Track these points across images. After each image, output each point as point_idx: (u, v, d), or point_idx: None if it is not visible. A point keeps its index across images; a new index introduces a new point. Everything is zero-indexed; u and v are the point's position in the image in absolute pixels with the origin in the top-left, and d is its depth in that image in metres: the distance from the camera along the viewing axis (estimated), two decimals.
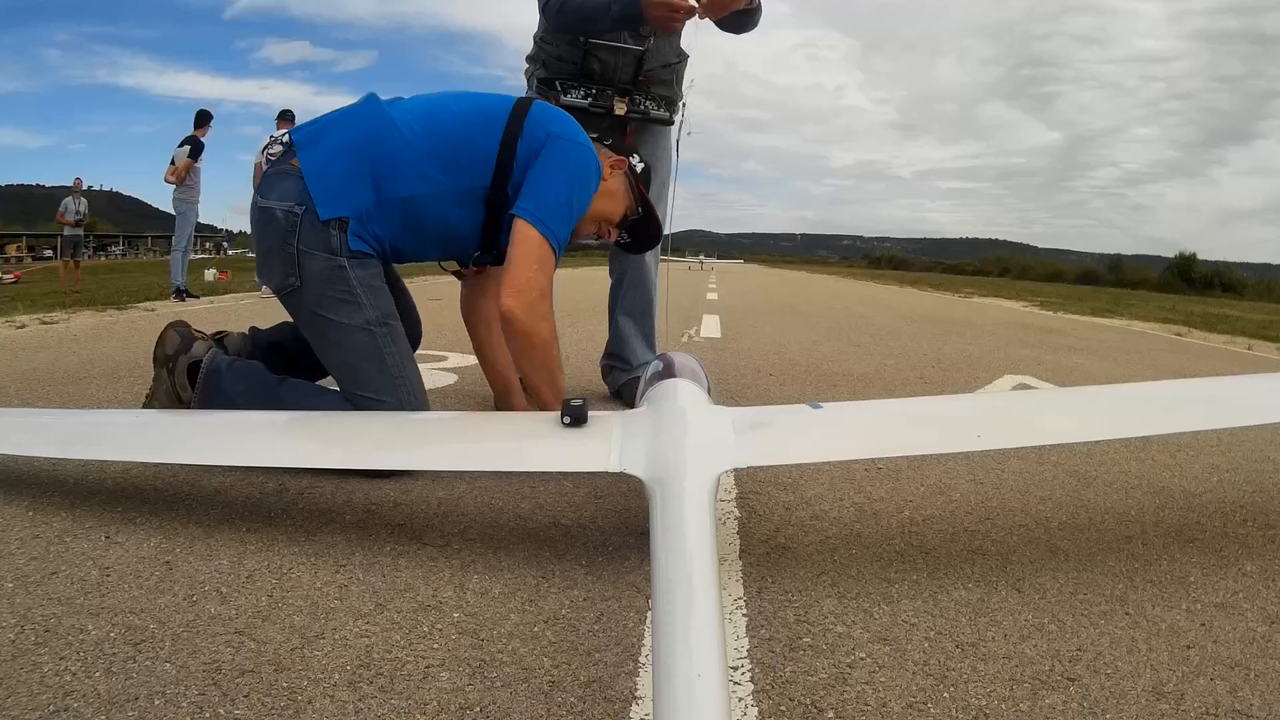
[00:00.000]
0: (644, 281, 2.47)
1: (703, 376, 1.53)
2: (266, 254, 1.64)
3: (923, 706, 0.90)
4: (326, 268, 1.58)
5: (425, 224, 1.67)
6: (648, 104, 2.25)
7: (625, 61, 2.21)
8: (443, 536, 1.33)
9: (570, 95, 2.16)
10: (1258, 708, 0.92)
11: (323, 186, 1.58)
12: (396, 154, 1.61)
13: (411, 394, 1.65)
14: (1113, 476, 1.88)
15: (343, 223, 1.58)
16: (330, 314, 1.61)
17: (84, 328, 4.25)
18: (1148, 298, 20.14)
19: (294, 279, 1.60)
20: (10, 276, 13.12)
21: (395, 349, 1.65)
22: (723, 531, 1.40)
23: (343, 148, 1.62)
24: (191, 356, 1.70)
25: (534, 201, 1.61)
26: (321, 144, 1.63)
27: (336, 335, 1.62)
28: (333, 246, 1.58)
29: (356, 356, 1.63)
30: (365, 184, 1.60)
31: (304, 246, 1.58)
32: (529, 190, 1.62)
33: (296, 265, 1.59)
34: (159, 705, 0.84)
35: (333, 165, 1.60)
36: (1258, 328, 8.26)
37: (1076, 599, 1.19)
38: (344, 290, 1.60)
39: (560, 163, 1.64)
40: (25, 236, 35.75)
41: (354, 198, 1.59)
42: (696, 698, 0.68)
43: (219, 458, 1.54)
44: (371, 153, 1.61)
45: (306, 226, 1.57)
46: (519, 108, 1.68)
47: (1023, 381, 3.46)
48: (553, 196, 1.62)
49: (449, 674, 0.92)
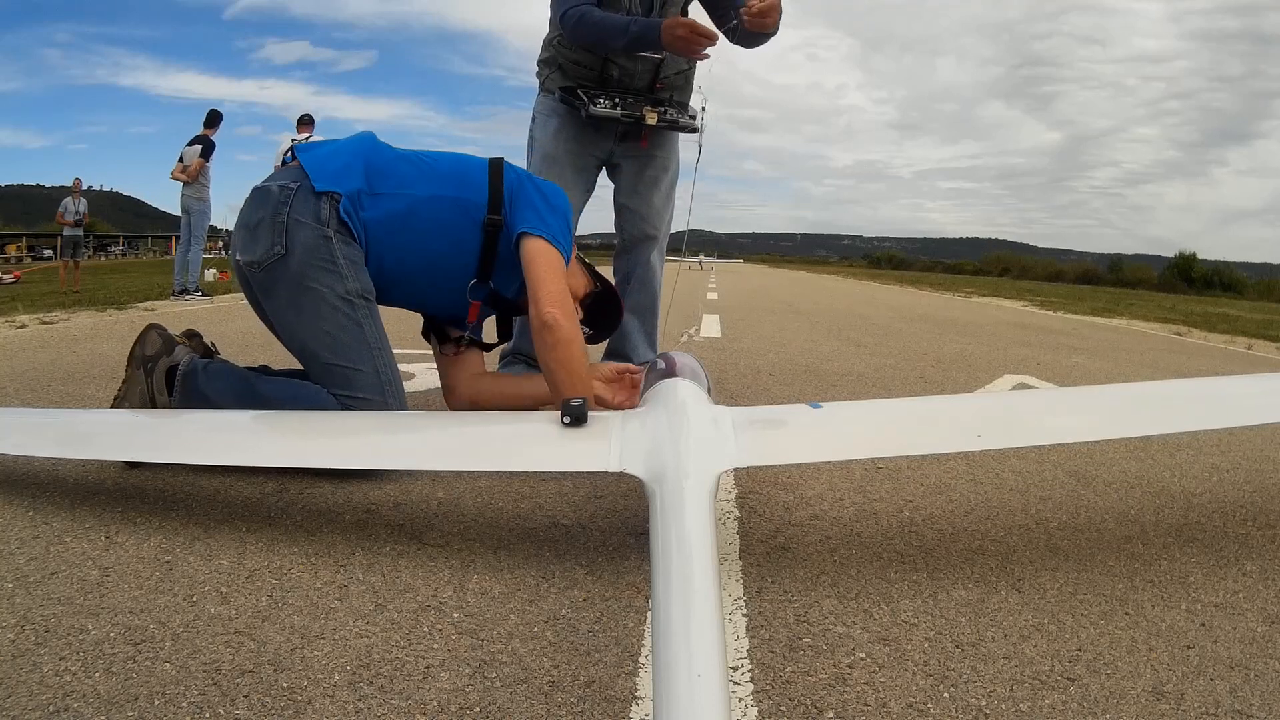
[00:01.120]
0: (650, 280, 2.47)
1: (703, 376, 1.53)
2: (255, 226, 1.66)
3: (923, 706, 0.90)
4: (314, 237, 1.63)
5: (419, 229, 1.71)
6: (673, 112, 2.26)
7: (644, 68, 2.23)
8: (443, 536, 1.34)
9: (599, 105, 2.17)
10: (1258, 708, 0.92)
11: (319, 169, 1.67)
12: (391, 165, 1.74)
13: (387, 369, 1.68)
14: (1113, 476, 1.88)
15: (334, 198, 1.65)
16: (313, 282, 1.63)
17: (84, 328, 4.25)
18: (1148, 297, 20.13)
19: (280, 247, 1.63)
20: (10, 276, 13.12)
21: (374, 325, 1.69)
22: (723, 531, 1.40)
23: (341, 150, 1.74)
24: (172, 360, 1.70)
25: (537, 217, 1.69)
26: (321, 148, 1.75)
27: (316, 303, 1.64)
28: (322, 217, 1.63)
29: (335, 326, 1.64)
30: (359, 174, 1.69)
31: (295, 215, 1.63)
32: (528, 211, 1.70)
33: (285, 234, 1.63)
34: (159, 705, 0.84)
35: (330, 159, 1.70)
36: (1258, 327, 8.26)
37: (1076, 599, 1.19)
38: (328, 259, 1.64)
39: (545, 193, 1.75)
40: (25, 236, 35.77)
41: (348, 181, 1.68)
42: (696, 698, 0.68)
43: (219, 457, 1.54)
44: (367, 155, 1.73)
45: (300, 197, 1.64)
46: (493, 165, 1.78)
47: (1023, 381, 3.46)
48: (552, 215, 1.71)
49: (449, 674, 0.92)
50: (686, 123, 2.28)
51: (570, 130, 2.28)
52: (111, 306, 5.56)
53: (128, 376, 1.69)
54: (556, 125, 2.29)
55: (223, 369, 1.71)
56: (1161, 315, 9.94)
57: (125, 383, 1.68)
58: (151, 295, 6.80)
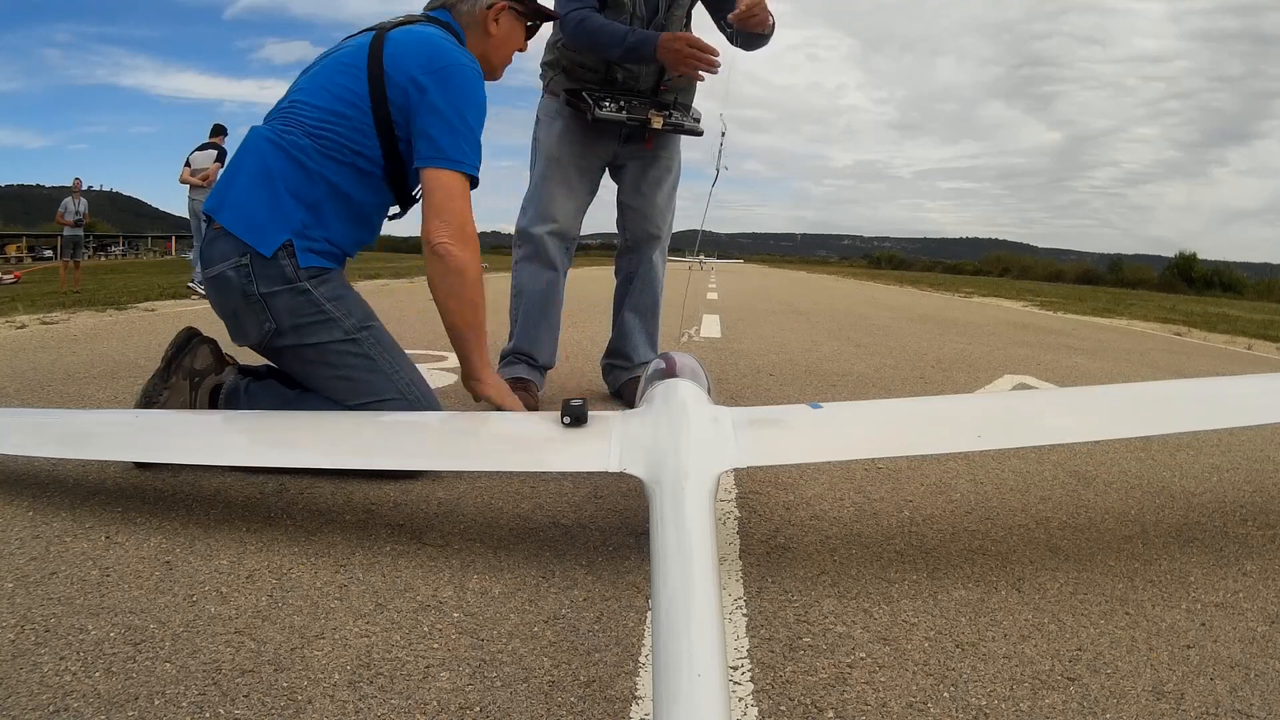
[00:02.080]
0: (653, 280, 2.48)
1: (703, 376, 1.53)
2: (235, 315, 1.64)
3: (923, 706, 0.90)
4: (292, 299, 1.60)
5: (358, 209, 1.69)
6: (679, 114, 2.25)
7: (648, 71, 2.23)
8: (443, 536, 1.34)
9: (604, 109, 2.17)
10: (1258, 708, 0.92)
11: (252, 227, 1.59)
12: (296, 166, 1.62)
13: (411, 385, 1.67)
14: (1113, 476, 1.88)
15: (287, 247, 1.59)
16: (311, 339, 1.62)
17: (84, 328, 4.25)
18: (1148, 297, 20.13)
19: (269, 324, 1.61)
20: (10, 277, 13.11)
21: (382, 349, 1.67)
22: (723, 531, 1.40)
23: (249, 185, 1.62)
24: (219, 379, 1.71)
25: (432, 146, 1.60)
26: (230, 195, 1.64)
27: (322, 356, 1.64)
28: (289, 276, 1.59)
29: (347, 370, 1.64)
30: (287, 203, 1.61)
31: (264, 289, 1.59)
32: (424, 139, 1.61)
33: (267, 310, 1.60)
34: (159, 705, 0.84)
35: (249, 205, 1.61)
36: (1258, 328, 8.26)
37: (1076, 599, 1.19)
38: (314, 312, 1.62)
39: (442, 99, 1.60)
40: (25, 237, 35.74)
41: (284, 218, 1.60)
42: (696, 698, 0.68)
43: (219, 458, 1.54)
44: (275, 174, 1.61)
45: (259, 269, 1.58)
46: (373, 58, 1.63)
47: (1023, 381, 3.46)
48: (450, 135, 1.60)
49: (449, 674, 0.92)
50: (691, 126, 2.28)
51: (575, 133, 2.28)
52: (112, 307, 5.56)
53: (173, 384, 1.67)
54: (561, 128, 2.29)
55: (263, 390, 1.71)
56: (1161, 315, 9.94)
57: (170, 388, 1.67)
58: (152, 295, 6.79)
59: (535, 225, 2.27)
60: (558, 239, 2.29)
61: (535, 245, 2.28)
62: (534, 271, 2.31)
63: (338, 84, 1.65)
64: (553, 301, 2.34)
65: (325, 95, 1.65)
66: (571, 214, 2.31)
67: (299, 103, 1.67)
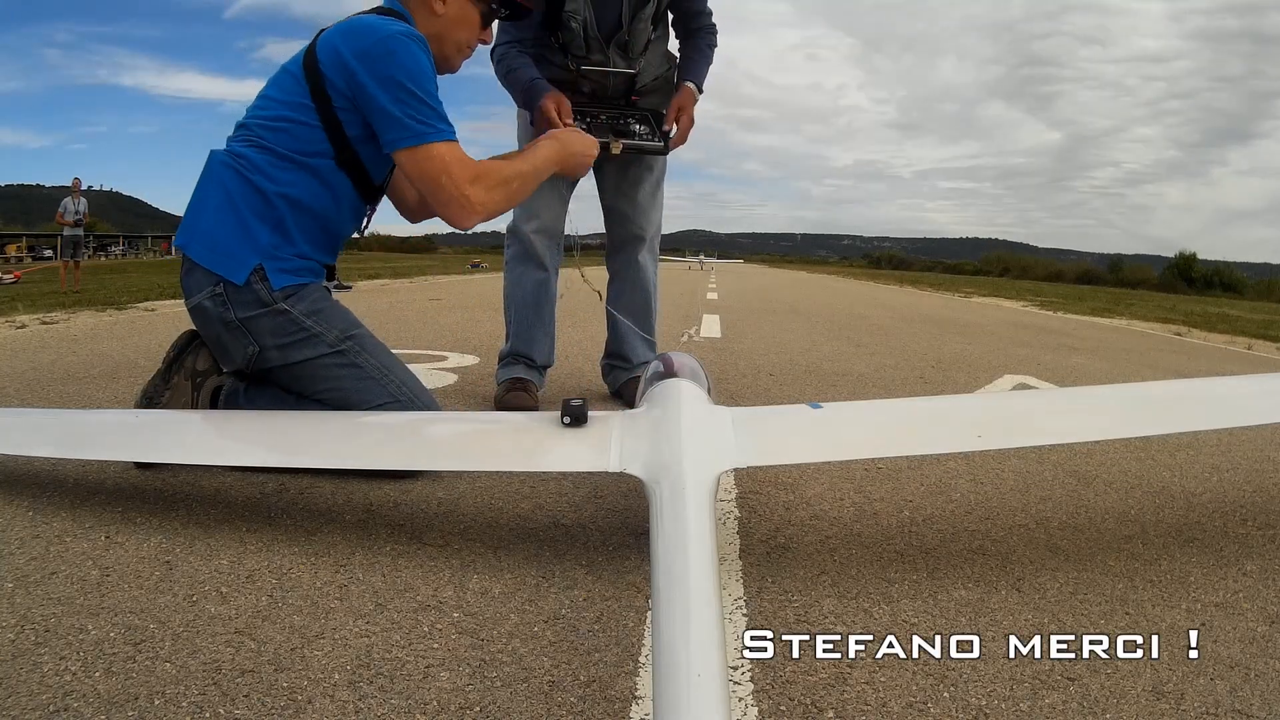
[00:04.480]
0: (642, 280, 2.47)
1: (703, 376, 1.53)
2: (219, 341, 1.64)
3: (923, 706, 0.90)
4: (271, 320, 1.60)
5: (322, 220, 1.68)
6: (641, 133, 2.21)
7: (617, 81, 2.22)
8: (443, 536, 1.34)
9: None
10: (1258, 708, 0.92)
11: (221, 257, 1.59)
12: (253, 190, 1.60)
13: (403, 387, 1.67)
14: (1113, 476, 1.88)
15: (259, 271, 1.59)
16: (296, 356, 1.63)
17: (84, 328, 4.25)
18: (1147, 297, 20.14)
19: (252, 347, 1.61)
20: (10, 277, 13.11)
21: (369, 356, 1.66)
22: (723, 531, 1.40)
23: (215, 215, 1.62)
24: (220, 380, 1.71)
25: (391, 127, 1.57)
26: (197, 226, 1.64)
27: (310, 371, 1.64)
28: (264, 299, 1.59)
29: (336, 380, 1.64)
30: (253, 226, 1.60)
31: (242, 315, 1.59)
32: (380, 124, 1.58)
33: (248, 334, 1.60)
34: (159, 705, 0.84)
35: (216, 235, 1.61)
36: (1258, 328, 8.27)
37: (1076, 599, 1.19)
38: (295, 331, 1.62)
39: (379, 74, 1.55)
40: (25, 236, 35.75)
41: (252, 243, 1.60)
42: (696, 698, 0.68)
43: (219, 458, 1.54)
44: (237, 198, 1.60)
45: (234, 297, 1.59)
46: (309, 54, 1.62)
47: (1023, 381, 3.46)
48: (400, 107, 1.55)
49: (449, 674, 0.92)
50: (654, 146, 2.22)
51: None
52: (112, 307, 5.56)
53: (174, 384, 1.67)
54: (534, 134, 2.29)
55: (263, 393, 1.71)
56: (1161, 315, 9.94)
57: (171, 388, 1.67)
58: (152, 295, 6.79)
59: (522, 222, 2.28)
60: (544, 236, 2.29)
61: (524, 244, 2.29)
62: (524, 273, 2.32)
63: (283, 88, 1.65)
64: (545, 301, 2.35)
65: (271, 103, 1.66)
66: (556, 212, 2.31)
67: (251, 117, 1.67)
